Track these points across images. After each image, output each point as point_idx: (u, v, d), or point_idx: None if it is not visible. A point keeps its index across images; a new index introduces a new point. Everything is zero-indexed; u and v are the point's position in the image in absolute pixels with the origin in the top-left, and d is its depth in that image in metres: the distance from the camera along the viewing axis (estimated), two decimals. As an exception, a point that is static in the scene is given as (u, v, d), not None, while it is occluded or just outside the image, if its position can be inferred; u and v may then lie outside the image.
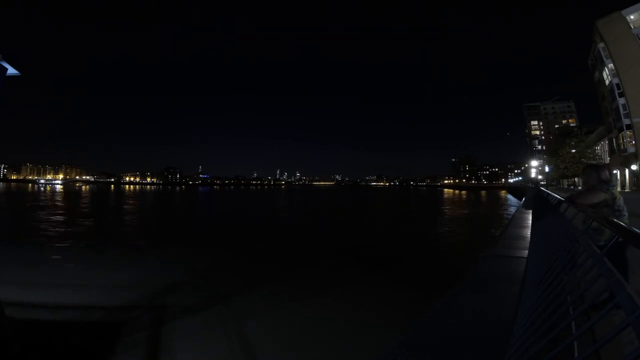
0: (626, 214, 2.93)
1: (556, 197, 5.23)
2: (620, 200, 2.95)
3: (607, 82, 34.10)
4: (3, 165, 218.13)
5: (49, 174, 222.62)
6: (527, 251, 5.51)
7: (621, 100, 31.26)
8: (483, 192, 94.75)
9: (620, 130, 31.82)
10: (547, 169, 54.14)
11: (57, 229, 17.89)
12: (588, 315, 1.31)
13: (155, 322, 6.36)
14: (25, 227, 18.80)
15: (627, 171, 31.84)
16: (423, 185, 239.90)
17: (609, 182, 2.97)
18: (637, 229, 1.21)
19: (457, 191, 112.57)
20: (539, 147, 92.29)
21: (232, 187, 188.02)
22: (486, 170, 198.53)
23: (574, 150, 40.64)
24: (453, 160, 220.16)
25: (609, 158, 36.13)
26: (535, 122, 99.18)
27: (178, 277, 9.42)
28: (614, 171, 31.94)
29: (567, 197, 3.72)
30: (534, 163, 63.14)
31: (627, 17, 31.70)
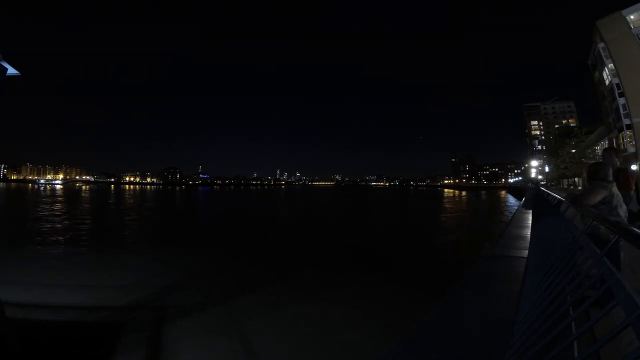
0: (622, 213, 2.94)
1: (556, 197, 5.21)
2: (618, 198, 2.95)
3: (607, 82, 34.10)
4: (3, 165, 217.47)
5: (49, 174, 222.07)
6: (527, 251, 5.50)
7: (621, 100, 31.24)
8: (483, 192, 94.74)
9: (620, 130, 31.81)
10: (547, 169, 54.15)
11: (57, 229, 17.88)
12: (588, 315, 1.31)
13: (155, 323, 6.36)
14: (25, 228, 18.80)
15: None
16: (423, 185, 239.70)
17: (608, 179, 2.97)
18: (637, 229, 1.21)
19: (457, 191, 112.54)
20: (539, 147, 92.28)
21: (232, 187, 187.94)
22: (486, 170, 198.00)
23: (574, 150, 40.64)
24: (453, 160, 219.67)
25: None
26: (535, 122, 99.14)
27: (178, 278, 9.42)
28: None
29: (567, 195, 3.71)
30: (534, 163, 63.09)
31: (627, 17, 31.68)
